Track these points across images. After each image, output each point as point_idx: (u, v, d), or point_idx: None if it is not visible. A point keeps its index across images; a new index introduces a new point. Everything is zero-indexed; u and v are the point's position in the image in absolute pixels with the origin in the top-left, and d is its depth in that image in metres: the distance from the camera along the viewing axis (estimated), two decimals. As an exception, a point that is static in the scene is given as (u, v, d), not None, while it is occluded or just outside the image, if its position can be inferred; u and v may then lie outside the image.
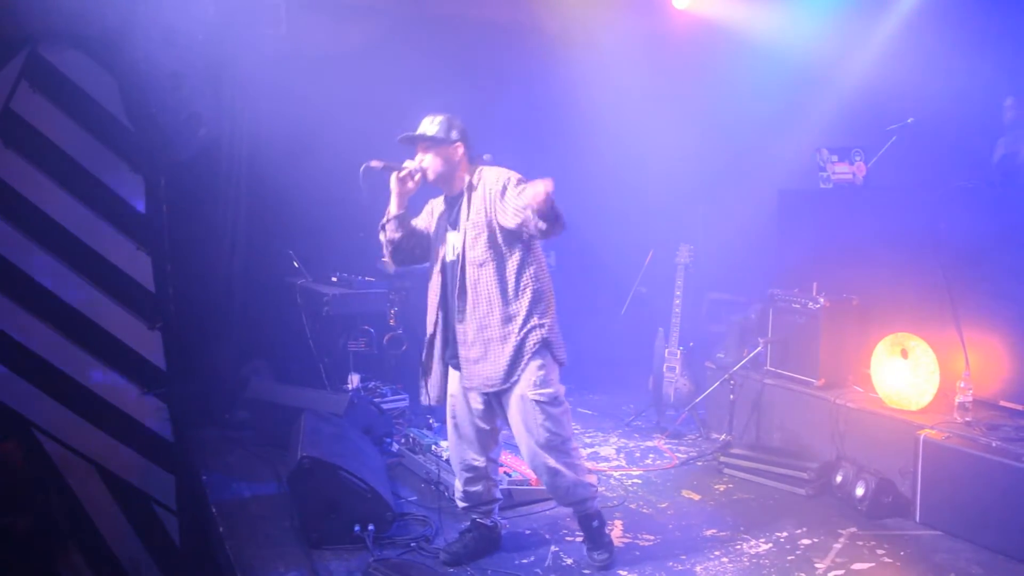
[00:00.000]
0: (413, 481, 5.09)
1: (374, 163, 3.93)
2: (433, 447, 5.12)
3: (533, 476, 4.79)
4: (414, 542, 4.25)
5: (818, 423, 5.31)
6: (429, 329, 4.13)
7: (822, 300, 5.50)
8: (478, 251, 3.90)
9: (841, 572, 4.05)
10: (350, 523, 4.17)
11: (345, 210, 6.57)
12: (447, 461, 4.92)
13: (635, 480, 5.27)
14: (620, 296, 6.87)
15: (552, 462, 3.96)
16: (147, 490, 6.01)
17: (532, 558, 4.19)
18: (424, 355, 4.15)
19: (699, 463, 5.57)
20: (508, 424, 4.05)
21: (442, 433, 5.59)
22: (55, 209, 5.80)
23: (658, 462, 5.61)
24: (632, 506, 4.87)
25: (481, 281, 3.90)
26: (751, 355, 5.83)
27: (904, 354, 5.01)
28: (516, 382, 3.90)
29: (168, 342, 6.15)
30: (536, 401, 3.90)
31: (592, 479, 4.16)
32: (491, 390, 3.94)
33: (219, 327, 6.29)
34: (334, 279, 6.35)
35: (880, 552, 4.26)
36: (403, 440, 5.42)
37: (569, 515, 4.64)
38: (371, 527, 4.17)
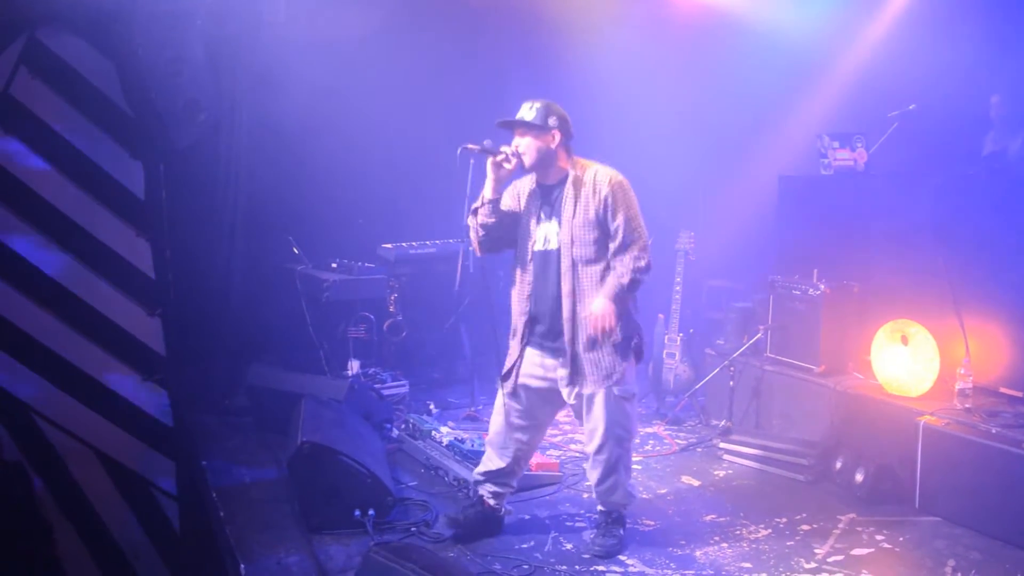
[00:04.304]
0: (413, 466, 5.09)
1: (471, 146, 3.89)
2: (433, 433, 5.12)
3: (533, 461, 4.81)
4: (414, 527, 4.26)
5: (818, 409, 5.32)
6: (517, 320, 4.09)
7: (822, 287, 5.50)
8: (587, 250, 3.89)
9: (840, 558, 4.06)
10: (350, 508, 4.18)
11: (345, 196, 6.61)
12: (447, 447, 4.93)
13: (635, 466, 5.26)
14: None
15: (621, 458, 4.03)
16: (147, 476, 5.99)
17: (532, 543, 4.20)
18: (513, 347, 4.10)
19: (699, 449, 5.59)
20: (582, 417, 4.05)
21: (441, 419, 5.61)
22: (54, 195, 5.78)
23: (658, 448, 5.62)
24: (632, 492, 4.87)
25: (589, 279, 3.90)
26: (751, 342, 5.84)
27: (904, 341, 5.01)
28: (617, 381, 3.95)
29: (168, 328, 6.14)
30: (622, 398, 3.97)
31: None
32: (596, 388, 3.94)
33: (219, 313, 6.27)
34: (334, 265, 6.34)
35: (879, 538, 4.27)
36: (403, 426, 5.43)
37: (569, 500, 4.68)
38: (371, 512, 4.17)
